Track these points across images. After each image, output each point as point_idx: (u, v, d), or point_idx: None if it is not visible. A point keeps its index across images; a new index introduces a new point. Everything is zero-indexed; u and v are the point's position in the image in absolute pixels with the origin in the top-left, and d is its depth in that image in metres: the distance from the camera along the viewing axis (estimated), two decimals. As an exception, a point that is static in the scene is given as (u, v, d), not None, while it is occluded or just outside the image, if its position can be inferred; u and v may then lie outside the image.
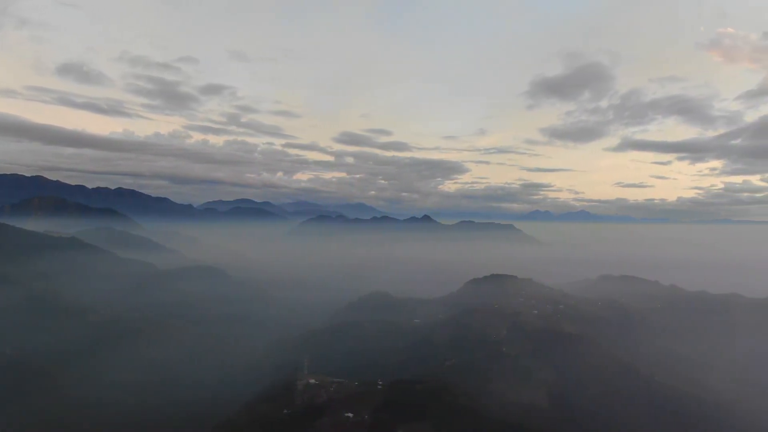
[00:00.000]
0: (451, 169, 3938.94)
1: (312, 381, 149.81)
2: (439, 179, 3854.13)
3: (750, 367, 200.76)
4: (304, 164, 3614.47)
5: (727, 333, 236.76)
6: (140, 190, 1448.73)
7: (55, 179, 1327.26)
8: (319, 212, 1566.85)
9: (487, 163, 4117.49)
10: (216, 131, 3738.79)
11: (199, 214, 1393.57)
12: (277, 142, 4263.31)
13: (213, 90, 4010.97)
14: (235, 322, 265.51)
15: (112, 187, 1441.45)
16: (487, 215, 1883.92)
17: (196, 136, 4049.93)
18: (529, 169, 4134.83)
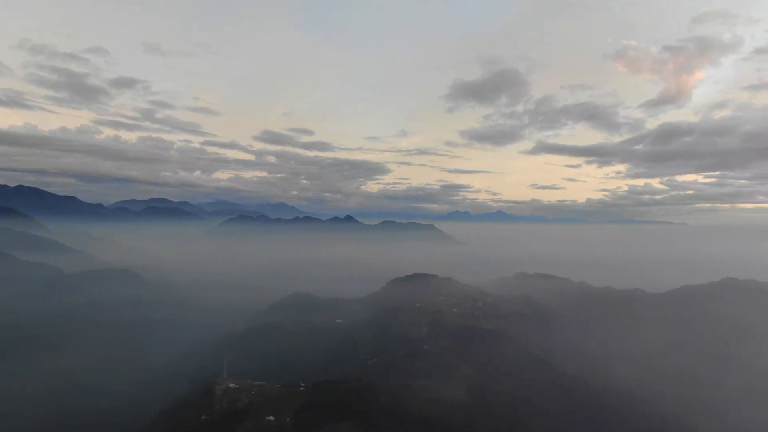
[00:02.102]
0: (373, 170, 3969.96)
1: (232, 385, 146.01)
2: (362, 179, 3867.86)
3: (651, 357, 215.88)
4: (223, 163, 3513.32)
5: (630, 326, 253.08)
6: (44, 189, 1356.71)
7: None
8: (239, 212, 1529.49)
9: (409, 164, 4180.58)
10: (129, 127, 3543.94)
11: (110, 213, 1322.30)
12: (195, 140, 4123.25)
13: (125, 83, 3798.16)
14: (149, 327, 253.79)
15: (12, 184, 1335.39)
16: (409, 215, 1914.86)
17: (107, 132, 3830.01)
18: (449, 171, 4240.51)
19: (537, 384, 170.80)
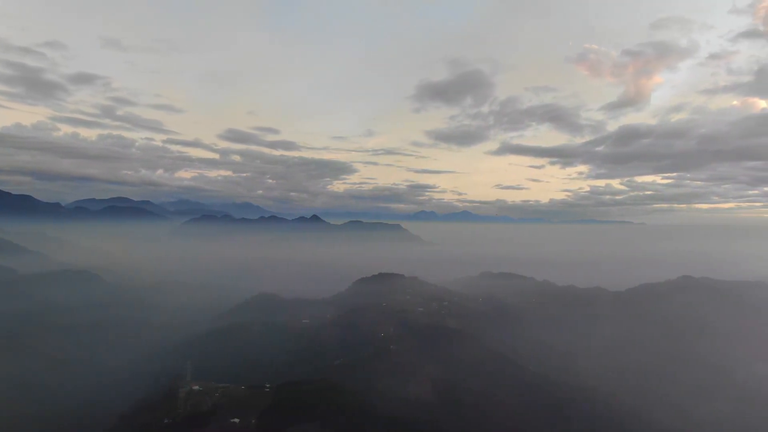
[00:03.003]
0: (339, 170, 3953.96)
1: (196, 387, 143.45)
2: (328, 179, 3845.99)
3: (611, 353, 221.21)
4: (187, 161, 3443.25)
5: (592, 323, 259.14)
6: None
7: None
8: (203, 212, 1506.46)
9: (375, 164, 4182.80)
10: (88, 124, 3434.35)
11: (68, 213, 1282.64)
12: (158, 138, 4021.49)
13: (84, 79, 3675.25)
14: (109, 329, 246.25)
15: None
16: (375, 215, 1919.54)
17: (65, 129, 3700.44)
18: (416, 171, 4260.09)
19: (501, 381, 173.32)
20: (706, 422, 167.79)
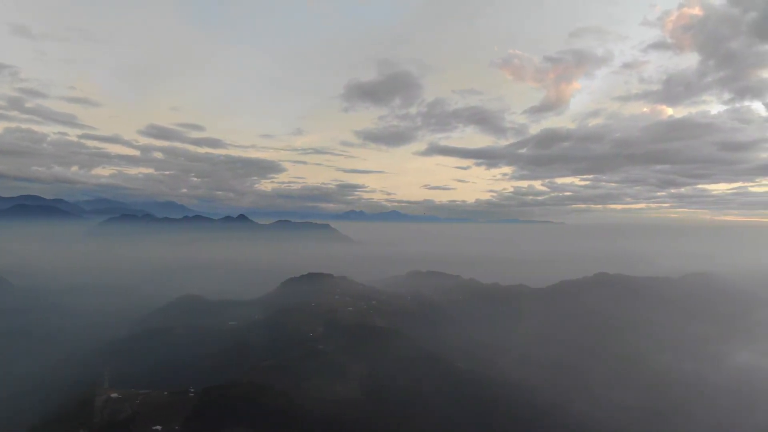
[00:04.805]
0: (267, 168, 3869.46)
1: (114, 395, 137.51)
2: (256, 178, 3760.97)
3: (533, 348, 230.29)
4: (105, 158, 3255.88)
5: (515, 319, 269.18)
6: None
7: None
8: (123, 211, 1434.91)
9: (304, 163, 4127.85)
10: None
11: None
12: (72, 133, 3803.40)
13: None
14: (17, 336, 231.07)
15: None
16: (304, 215, 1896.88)
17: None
18: (345, 170, 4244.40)
19: (428, 379, 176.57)
20: (618, 410, 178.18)
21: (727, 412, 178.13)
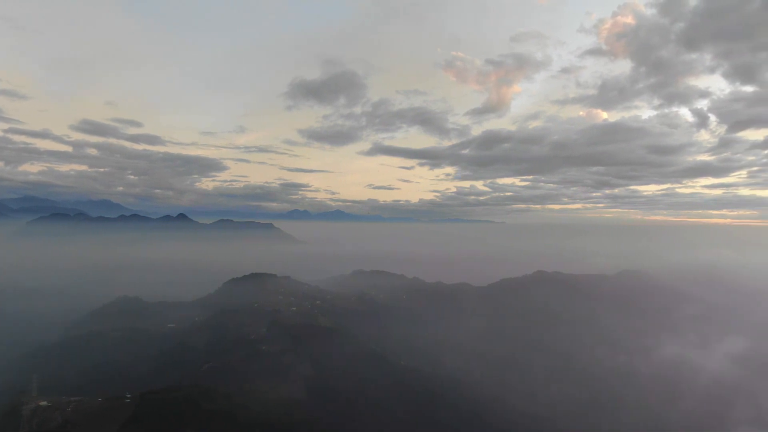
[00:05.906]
0: (208, 166, 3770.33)
1: (43, 403, 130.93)
2: (196, 176, 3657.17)
3: (475, 345, 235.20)
4: (33, 154, 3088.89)
5: (458, 317, 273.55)
6: None
7: None
8: (53, 209, 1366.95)
9: (247, 161, 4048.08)
10: None
11: None
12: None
13: None
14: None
15: None
16: (247, 214, 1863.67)
17: None
18: (289, 169, 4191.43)
19: (373, 377, 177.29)
20: (554, 403, 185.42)
21: (657, 401, 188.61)
